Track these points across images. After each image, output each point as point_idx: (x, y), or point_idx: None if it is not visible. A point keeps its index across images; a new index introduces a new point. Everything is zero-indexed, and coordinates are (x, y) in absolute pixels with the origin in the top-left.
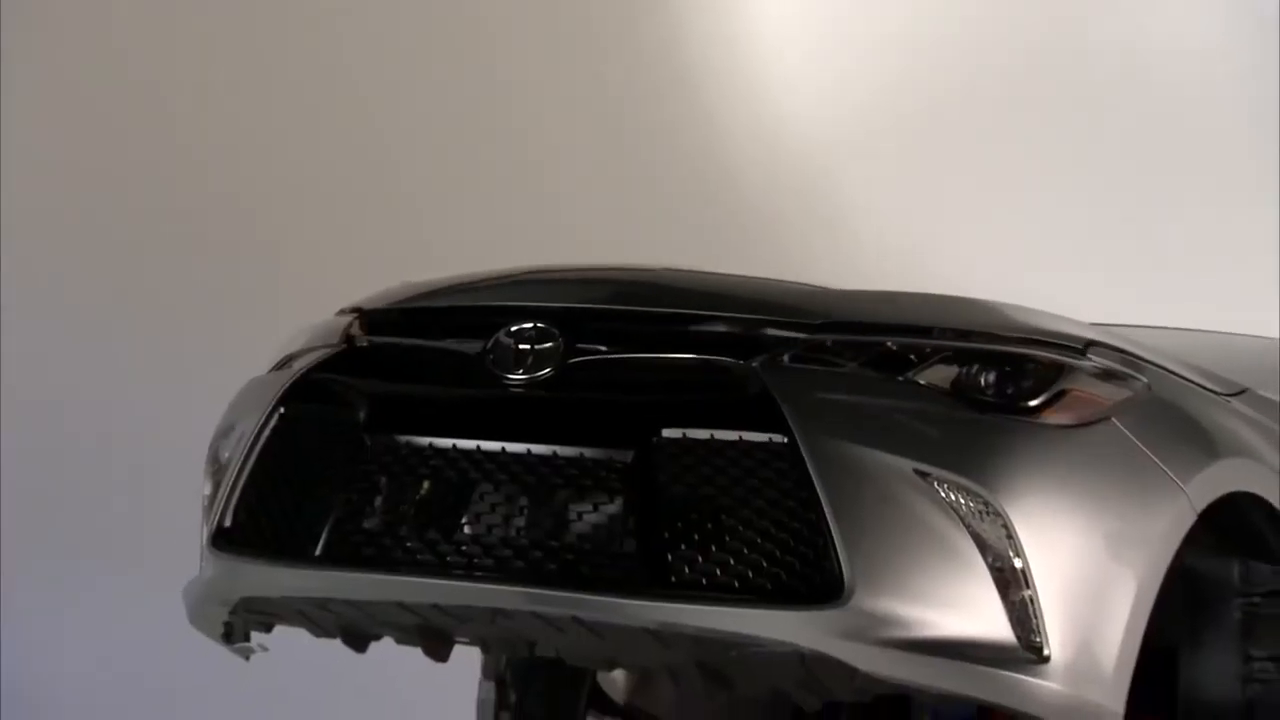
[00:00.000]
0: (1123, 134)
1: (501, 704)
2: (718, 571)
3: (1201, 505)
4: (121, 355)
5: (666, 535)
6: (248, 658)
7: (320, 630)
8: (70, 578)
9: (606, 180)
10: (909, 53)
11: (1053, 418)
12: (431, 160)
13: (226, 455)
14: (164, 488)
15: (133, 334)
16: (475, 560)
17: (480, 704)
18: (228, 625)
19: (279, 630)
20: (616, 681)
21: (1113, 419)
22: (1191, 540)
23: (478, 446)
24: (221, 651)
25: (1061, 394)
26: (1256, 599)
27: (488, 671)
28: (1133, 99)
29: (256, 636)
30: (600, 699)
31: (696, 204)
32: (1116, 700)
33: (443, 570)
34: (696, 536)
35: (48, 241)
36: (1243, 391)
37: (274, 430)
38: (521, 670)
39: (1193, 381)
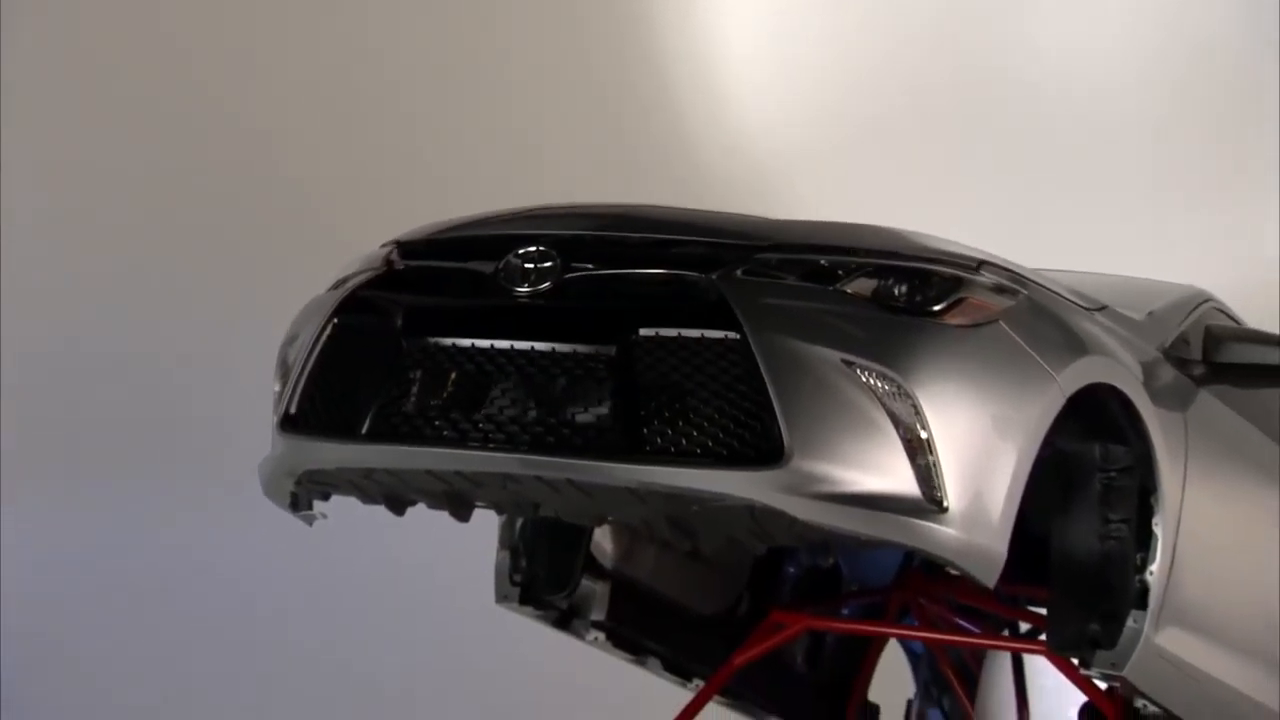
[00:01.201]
0: (1038, 143)
1: (514, 568)
2: (684, 441)
3: (1070, 391)
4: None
5: (643, 413)
6: (311, 524)
7: (366, 497)
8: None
9: (594, 174)
10: (857, 72)
11: (952, 320)
12: (443, 154)
13: (291, 358)
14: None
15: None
16: (490, 435)
17: (497, 569)
18: (294, 495)
19: None
20: (605, 550)
21: (1000, 322)
22: (1063, 428)
23: (491, 345)
24: None
25: (959, 301)
26: (1113, 474)
27: (503, 542)
28: (1041, 116)
29: (317, 506)
30: (593, 564)
31: (666, 197)
32: (1001, 543)
33: (463, 443)
34: (667, 413)
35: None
36: (1104, 308)
37: (329, 337)
38: (529, 541)
39: (1064, 296)
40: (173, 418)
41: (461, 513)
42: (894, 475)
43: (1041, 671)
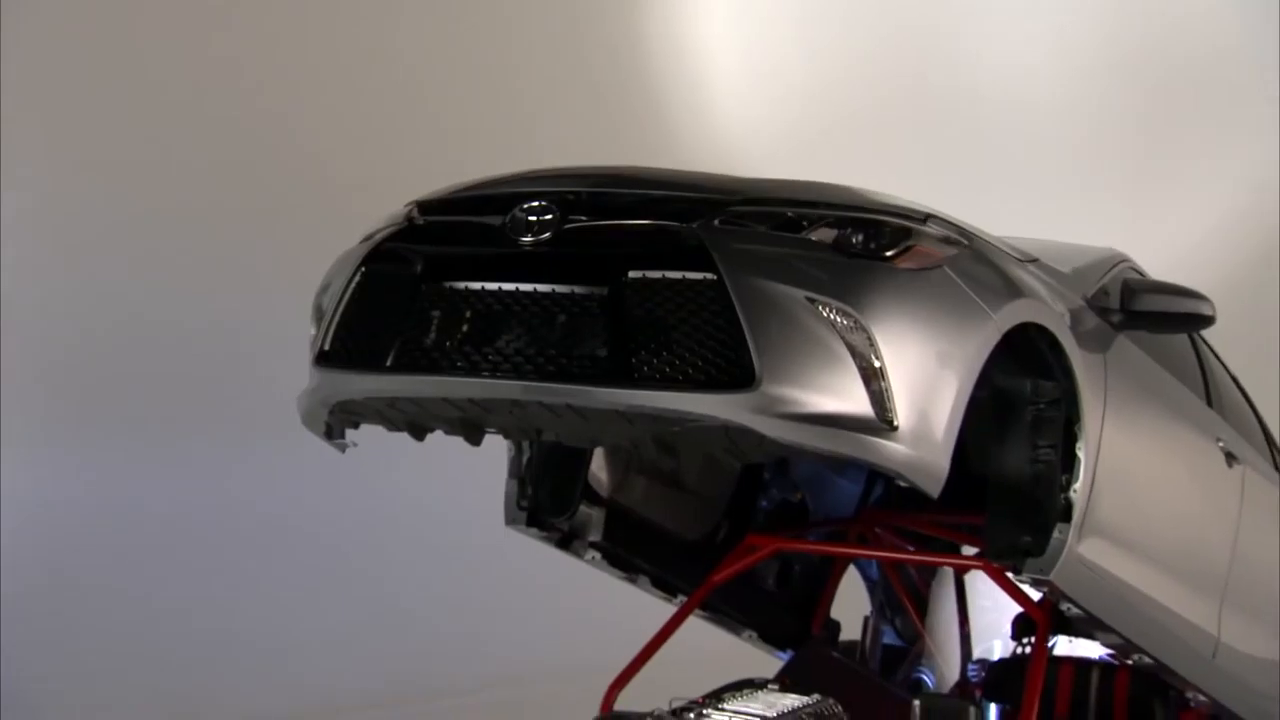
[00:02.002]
0: (985, 142)
1: (521, 495)
2: (668, 369)
3: (1005, 328)
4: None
5: (632, 345)
6: (343, 451)
7: (391, 425)
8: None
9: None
10: (827, 81)
11: (903, 264)
12: (445, 146)
13: (325, 304)
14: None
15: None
16: (498, 365)
17: (507, 496)
18: (328, 425)
19: None
20: (601, 481)
21: (944, 266)
22: (1000, 366)
23: (500, 288)
24: None
25: (909, 248)
26: (1042, 405)
27: (512, 473)
28: (988, 119)
29: (349, 435)
30: (590, 493)
31: None
32: (943, 458)
33: (475, 373)
34: (653, 345)
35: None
36: (1035, 260)
37: (358, 284)
38: (534, 471)
39: (1001, 248)
40: (228, 379)
41: (474, 437)
42: (851, 398)
43: (981, 593)
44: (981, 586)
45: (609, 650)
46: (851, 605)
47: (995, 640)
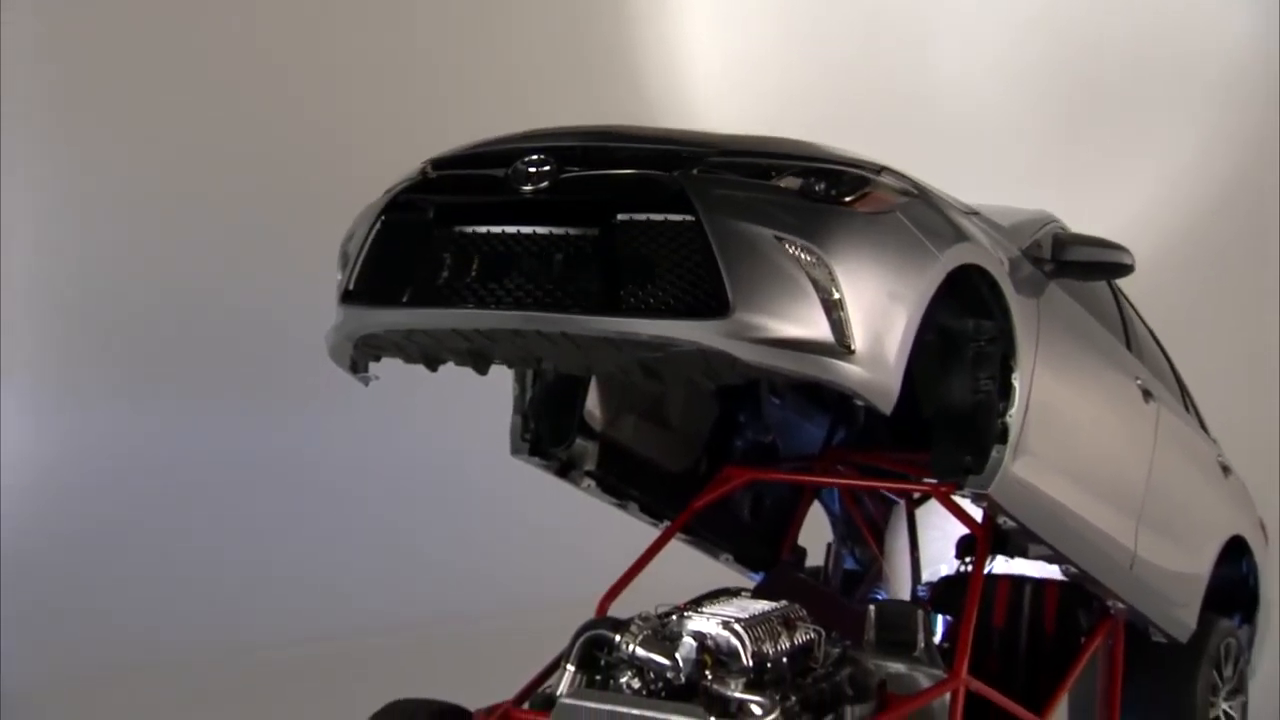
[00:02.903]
0: (938, 143)
1: (524, 429)
2: (652, 300)
3: (950, 267)
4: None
5: (621, 278)
6: (367, 384)
7: (407, 357)
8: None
9: None
10: (797, 87)
11: (860, 208)
12: (453, 140)
13: (350, 249)
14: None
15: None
16: (502, 299)
17: (511, 429)
18: (352, 359)
19: None
20: (596, 417)
21: (896, 212)
22: (945, 307)
23: (503, 230)
24: None
25: (865, 195)
26: (982, 343)
27: (516, 408)
28: (940, 121)
29: (372, 369)
30: (586, 428)
31: None
32: (895, 380)
33: (482, 305)
34: (639, 278)
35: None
36: (976, 213)
37: (378, 231)
38: (535, 407)
39: (947, 199)
40: (274, 352)
41: (481, 367)
42: (814, 325)
43: (930, 525)
44: (930, 518)
45: (601, 584)
46: (816, 535)
47: (941, 565)
